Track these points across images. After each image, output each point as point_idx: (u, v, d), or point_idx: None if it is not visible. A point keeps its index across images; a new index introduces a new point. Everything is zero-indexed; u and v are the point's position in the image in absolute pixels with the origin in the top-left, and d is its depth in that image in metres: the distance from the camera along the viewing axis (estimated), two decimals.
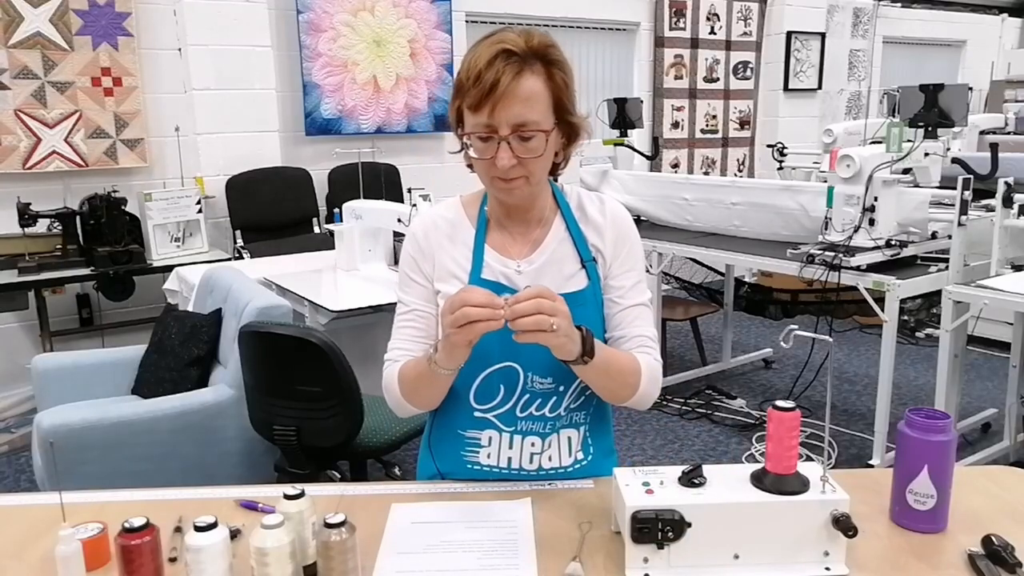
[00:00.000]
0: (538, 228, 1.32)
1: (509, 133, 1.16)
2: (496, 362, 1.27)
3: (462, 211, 1.34)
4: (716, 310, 4.80)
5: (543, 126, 1.18)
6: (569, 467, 1.34)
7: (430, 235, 1.33)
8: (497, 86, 1.13)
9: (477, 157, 1.21)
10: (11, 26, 3.81)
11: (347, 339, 2.40)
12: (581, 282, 1.30)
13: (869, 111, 6.91)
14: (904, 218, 3.11)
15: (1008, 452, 3.43)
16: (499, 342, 1.19)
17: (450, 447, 1.34)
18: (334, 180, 4.69)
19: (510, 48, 1.16)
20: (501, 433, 1.30)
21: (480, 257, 1.30)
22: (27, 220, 3.64)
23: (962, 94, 3.28)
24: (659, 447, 3.64)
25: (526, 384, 1.28)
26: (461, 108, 1.20)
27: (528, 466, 1.32)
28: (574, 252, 1.31)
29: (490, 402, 1.29)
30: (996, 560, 1.05)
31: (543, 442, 1.31)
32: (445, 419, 1.35)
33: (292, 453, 2.42)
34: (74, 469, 2.39)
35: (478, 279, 1.28)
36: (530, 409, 1.29)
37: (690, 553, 1.04)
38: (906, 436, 1.15)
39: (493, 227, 1.32)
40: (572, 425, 1.33)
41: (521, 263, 1.30)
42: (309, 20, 4.54)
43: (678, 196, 4.02)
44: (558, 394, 1.29)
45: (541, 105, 1.18)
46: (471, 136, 1.20)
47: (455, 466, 1.34)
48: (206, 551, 0.98)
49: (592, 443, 1.36)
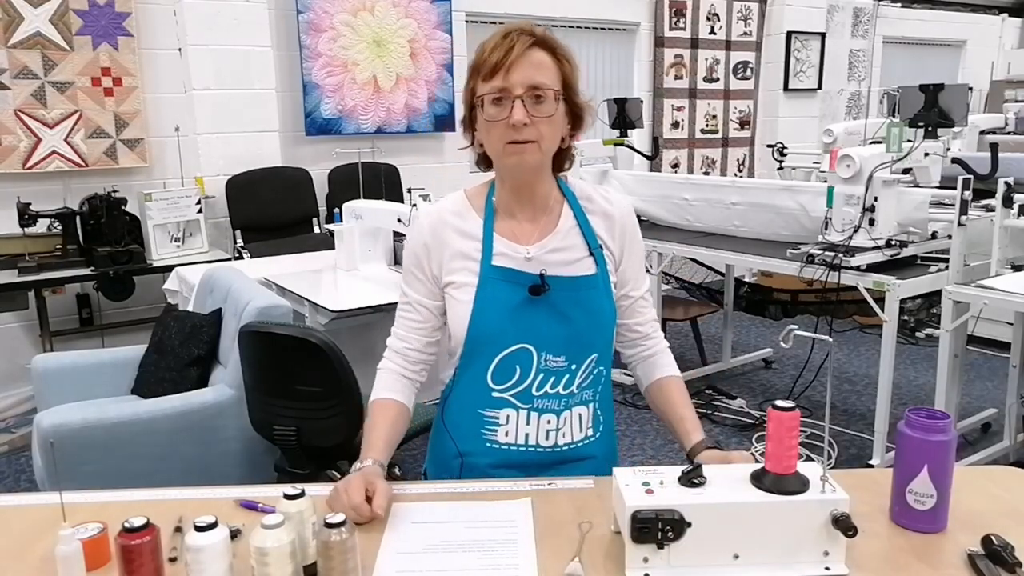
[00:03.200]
0: (545, 216, 1.36)
1: (523, 92, 1.23)
2: (511, 344, 1.31)
3: (468, 203, 1.38)
4: (716, 310, 4.80)
5: (554, 88, 1.25)
6: (580, 442, 1.39)
7: (437, 231, 1.36)
8: (511, 52, 1.22)
9: (491, 119, 1.25)
10: (11, 26, 3.81)
11: (347, 339, 2.40)
12: (590, 268, 1.34)
13: (869, 111, 6.91)
14: (904, 218, 3.11)
15: (1008, 452, 3.43)
16: (513, 325, 1.30)
17: (469, 427, 1.37)
18: (334, 180, 4.69)
19: (522, 28, 1.26)
20: (518, 411, 1.34)
21: (489, 245, 1.33)
22: (27, 220, 3.64)
23: (962, 94, 3.28)
24: (659, 447, 3.64)
25: (540, 363, 1.32)
26: (475, 87, 1.27)
27: (544, 442, 1.36)
28: (582, 240, 1.35)
29: (507, 382, 1.33)
30: (996, 560, 1.05)
31: (558, 419, 1.35)
32: (463, 400, 1.38)
33: (292, 453, 2.42)
34: (74, 469, 2.39)
35: (489, 266, 1.32)
36: (545, 387, 1.33)
37: (690, 553, 1.04)
38: (906, 436, 1.15)
39: (501, 216, 1.36)
40: (583, 402, 1.38)
41: (531, 249, 1.33)
42: (309, 20, 4.54)
43: (678, 196, 4.02)
44: (570, 372, 1.34)
45: (552, 73, 1.26)
46: (484, 101, 1.25)
47: (475, 445, 1.37)
48: (206, 551, 0.98)
49: (602, 420, 1.42)
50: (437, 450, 1.45)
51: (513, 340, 1.31)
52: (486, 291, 1.31)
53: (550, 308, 1.31)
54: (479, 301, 1.31)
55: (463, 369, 1.36)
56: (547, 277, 1.31)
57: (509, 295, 1.31)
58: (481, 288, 1.30)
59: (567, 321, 1.31)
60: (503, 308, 1.30)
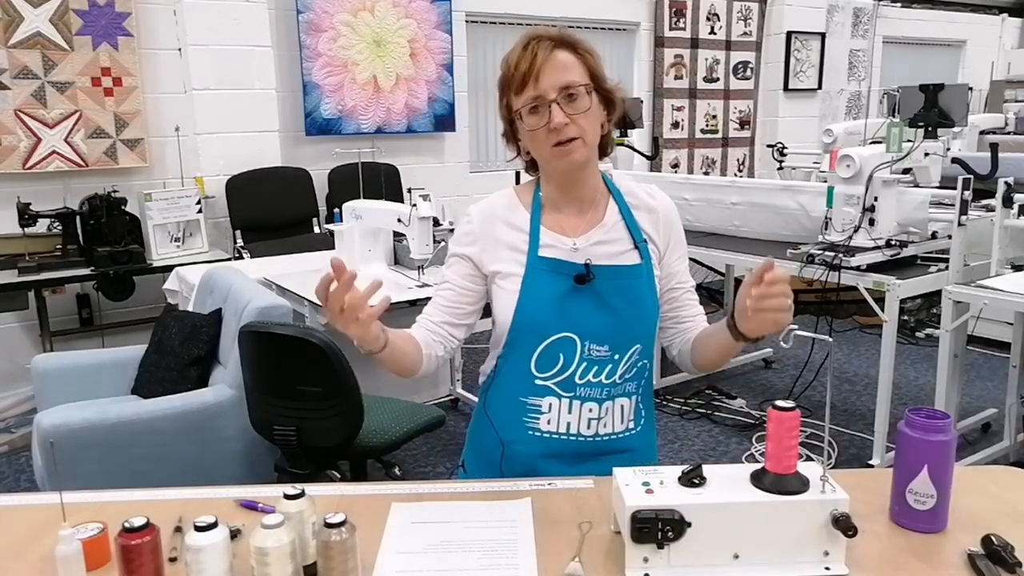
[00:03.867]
0: (591, 210, 1.39)
1: (556, 96, 1.26)
2: (555, 332, 1.34)
3: (516, 199, 1.42)
4: (716, 310, 4.81)
5: (584, 83, 1.29)
6: (622, 433, 1.41)
7: (486, 222, 1.40)
8: (536, 60, 1.26)
9: (533, 128, 1.29)
10: (11, 26, 3.81)
11: (347, 339, 2.40)
12: (635, 259, 1.38)
13: (869, 111, 6.91)
14: (904, 218, 3.11)
15: (1008, 452, 3.43)
16: (558, 314, 1.32)
17: (511, 415, 1.39)
18: (334, 180, 4.69)
19: (540, 34, 1.30)
20: (560, 399, 1.36)
21: (536, 237, 1.36)
22: (27, 220, 3.64)
23: (962, 94, 3.28)
24: (659, 447, 3.63)
25: (583, 352, 1.34)
26: (510, 102, 1.31)
27: (586, 431, 1.38)
28: (627, 233, 1.39)
29: (551, 370, 1.35)
30: (996, 560, 1.05)
31: (600, 408, 1.37)
32: (505, 388, 1.40)
33: (292, 453, 2.42)
34: (74, 469, 2.39)
35: (535, 257, 1.35)
36: (588, 376, 1.35)
37: (690, 553, 1.04)
38: (906, 436, 1.15)
39: (548, 210, 1.39)
40: (625, 394, 1.39)
41: (577, 240, 1.36)
42: (309, 20, 4.54)
43: (678, 196, 4.01)
44: (613, 362, 1.36)
45: (578, 69, 1.30)
46: (522, 113, 1.29)
47: (517, 433, 1.39)
48: (206, 551, 0.98)
49: (644, 414, 1.45)
50: (477, 441, 1.47)
51: (557, 328, 1.33)
52: (532, 280, 1.34)
53: (594, 297, 1.34)
54: (525, 290, 1.34)
55: (506, 357, 1.39)
56: (592, 266, 1.34)
57: (555, 284, 1.34)
58: (527, 277, 1.34)
59: (611, 311, 1.34)
60: (548, 297, 1.33)
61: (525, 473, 1.38)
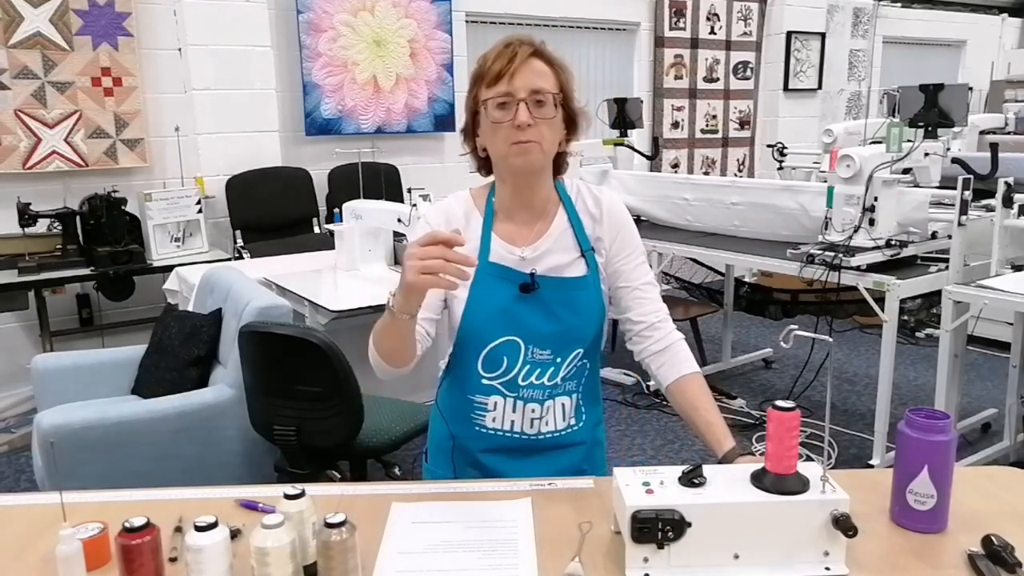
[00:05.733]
0: (541, 220, 1.43)
1: (526, 96, 1.30)
2: (500, 336, 1.39)
3: (472, 202, 1.46)
4: (716, 310, 4.80)
5: (554, 92, 1.33)
6: (563, 430, 1.45)
7: (442, 225, 1.41)
8: (514, 59, 1.30)
9: (496, 122, 1.32)
10: (11, 26, 3.81)
11: (347, 339, 2.40)
12: (581, 269, 1.42)
13: (869, 111, 6.91)
14: (904, 218, 3.11)
15: (1008, 452, 3.43)
16: (502, 319, 1.38)
17: (460, 411, 1.45)
18: (334, 180, 4.69)
19: (521, 39, 1.34)
20: (505, 399, 1.42)
21: (487, 243, 1.40)
22: (27, 220, 3.65)
23: (962, 94, 3.28)
24: (659, 447, 3.64)
25: (527, 355, 1.40)
26: (479, 94, 1.34)
27: (528, 430, 1.43)
28: (575, 242, 1.43)
29: (495, 371, 1.41)
30: (996, 560, 1.05)
31: (542, 408, 1.42)
32: (457, 385, 1.46)
33: (292, 453, 2.42)
34: (74, 469, 2.39)
35: (485, 262, 1.39)
36: (531, 378, 1.40)
37: (690, 553, 1.04)
38: (906, 436, 1.15)
39: (500, 218, 1.43)
40: (566, 393, 1.44)
41: (525, 250, 1.40)
42: (309, 20, 4.54)
43: (678, 196, 4.02)
44: (555, 364, 1.41)
45: (551, 79, 1.34)
46: (489, 105, 1.32)
47: (466, 428, 1.45)
48: (206, 551, 0.99)
49: (584, 411, 1.48)
50: (433, 431, 1.54)
51: (502, 332, 1.38)
52: (480, 286, 1.38)
53: (540, 305, 1.39)
54: (472, 295, 1.38)
55: (457, 357, 1.44)
56: (537, 277, 1.39)
57: (501, 291, 1.38)
58: (476, 283, 1.37)
59: (555, 318, 1.39)
60: (495, 303, 1.38)
61: (473, 465, 1.45)
